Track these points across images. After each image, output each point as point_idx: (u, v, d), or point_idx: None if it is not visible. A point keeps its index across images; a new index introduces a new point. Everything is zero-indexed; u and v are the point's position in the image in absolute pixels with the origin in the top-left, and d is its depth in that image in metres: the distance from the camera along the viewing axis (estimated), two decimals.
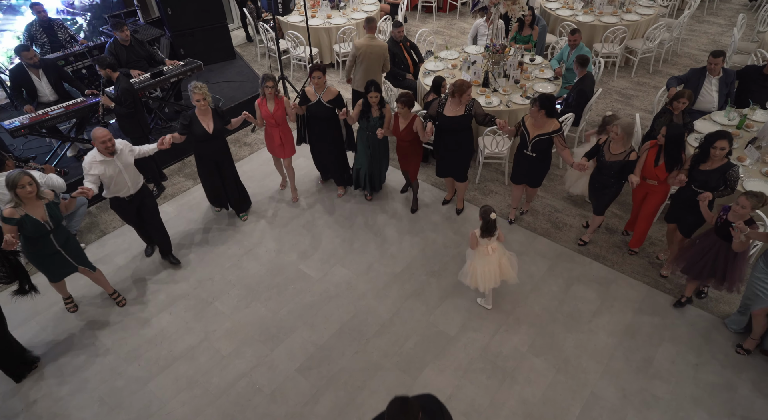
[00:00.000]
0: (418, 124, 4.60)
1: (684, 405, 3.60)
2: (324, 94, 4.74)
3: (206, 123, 4.47)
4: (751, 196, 3.30)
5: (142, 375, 3.86)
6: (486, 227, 3.78)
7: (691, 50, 8.17)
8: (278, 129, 4.86)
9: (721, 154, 3.68)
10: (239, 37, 8.92)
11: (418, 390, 3.73)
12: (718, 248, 3.68)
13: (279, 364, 3.92)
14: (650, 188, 4.23)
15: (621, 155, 4.09)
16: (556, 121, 4.30)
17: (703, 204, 3.70)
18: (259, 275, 4.64)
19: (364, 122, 4.78)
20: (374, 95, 4.59)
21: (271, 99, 4.69)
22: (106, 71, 4.85)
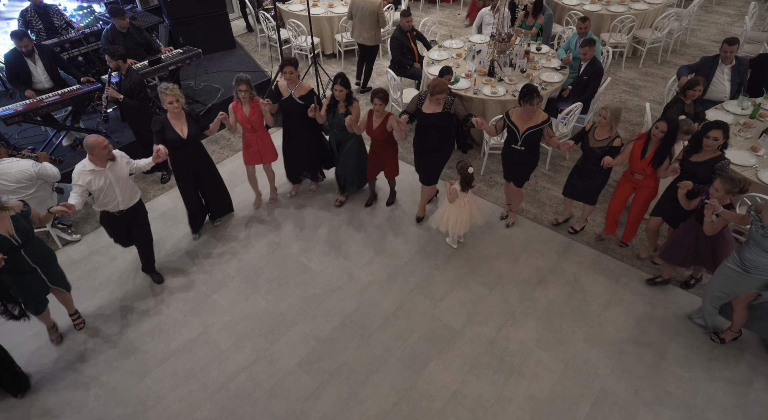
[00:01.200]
0: (393, 122, 4.35)
1: (698, 401, 3.49)
2: (296, 90, 4.51)
3: (180, 128, 4.11)
4: (726, 181, 3.18)
5: (138, 369, 3.75)
6: (465, 181, 4.10)
7: (700, 40, 8.00)
8: (255, 135, 4.58)
9: (714, 145, 3.51)
10: (239, 26, 8.78)
11: (423, 385, 3.63)
12: (697, 231, 3.58)
13: (279, 359, 3.81)
14: (637, 183, 4.07)
15: (605, 141, 3.98)
16: (543, 112, 4.17)
17: (681, 191, 3.59)
18: (259, 267, 4.53)
19: (330, 118, 4.55)
20: (339, 89, 4.32)
21: (246, 102, 4.40)
22: (118, 62, 4.63)
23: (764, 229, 3.06)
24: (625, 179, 4.16)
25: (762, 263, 3.17)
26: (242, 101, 4.39)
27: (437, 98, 4.19)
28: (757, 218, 3.13)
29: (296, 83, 4.50)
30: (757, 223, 3.11)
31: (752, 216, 3.16)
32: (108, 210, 3.89)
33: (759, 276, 3.24)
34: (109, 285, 4.41)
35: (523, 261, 4.52)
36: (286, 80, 4.49)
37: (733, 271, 3.35)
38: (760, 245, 3.13)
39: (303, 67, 7.59)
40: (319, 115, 4.51)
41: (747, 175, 4.22)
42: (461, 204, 4.18)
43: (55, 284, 3.69)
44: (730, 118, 4.90)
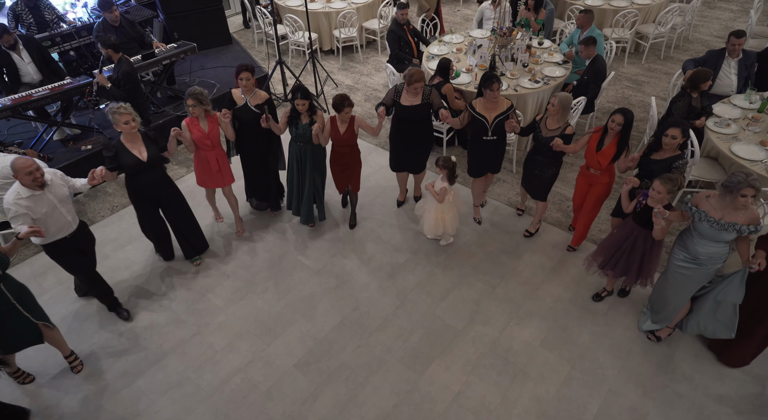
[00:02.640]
0: (361, 123, 4.12)
1: (709, 403, 3.37)
2: (252, 98, 4.15)
3: (137, 150, 3.68)
4: (665, 181, 3.13)
5: (129, 371, 3.62)
6: (452, 174, 4.01)
7: (703, 36, 7.91)
8: (215, 152, 4.12)
9: (673, 144, 3.44)
10: (236, 23, 8.66)
11: (424, 386, 3.50)
12: (635, 237, 3.47)
13: (276, 360, 3.68)
14: (593, 179, 3.96)
15: (557, 131, 3.91)
16: (505, 98, 4.13)
17: (625, 188, 3.50)
18: (256, 266, 4.40)
19: (293, 130, 4.15)
20: (301, 103, 3.93)
21: (203, 117, 3.99)
22: (108, 51, 4.58)
23: (718, 222, 3.04)
24: (581, 175, 4.09)
25: (716, 253, 3.17)
26: (198, 117, 3.99)
27: (415, 87, 4.06)
28: (703, 214, 3.08)
29: (252, 91, 4.15)
30: (708, 219, 3.07)
31: (696, 212, 3.12)
32: (59, 237, 3.41)
33: (713, 265, 3.23)
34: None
35: (526, 259, 4.40)
36: (241, 87, 4.11)
37: (686, 269, 3.30)
38: (712, 238, 3.11)
39: (300, 63, 7.48)
40: (275, 125, 4.14)
41: (757, 169, 4.12)
42: (449, 199, 4.07)
43: (40, 319, 3.30)
44: (738, 113, 4.80)
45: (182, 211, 4.13)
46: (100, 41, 4.56)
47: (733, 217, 3.01)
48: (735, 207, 2.99)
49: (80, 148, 5.20)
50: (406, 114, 4.23)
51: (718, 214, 3.04)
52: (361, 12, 7.52)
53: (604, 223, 4.70)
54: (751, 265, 3.04)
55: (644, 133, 5.78)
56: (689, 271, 3.29)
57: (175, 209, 4.08)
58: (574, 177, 5.25)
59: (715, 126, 4.60)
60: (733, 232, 3.02)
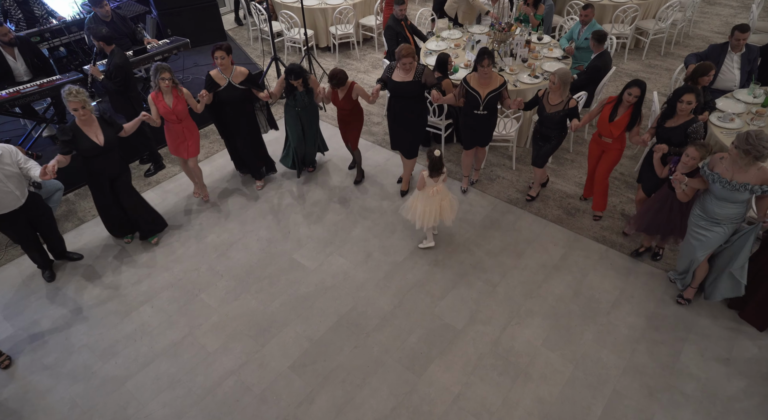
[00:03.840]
0: (359, 90, 4.47)
1: (716, 404, 3.27)
2: (234, 76, 4.31)
3: (94, 134, 3.73)
4: (699, 147, 3.26)
5: (119, 373, 3.51)
6: (433, 166, 3.92)
7: (704, 32, 7.83)
8: (181, 125, 4.31)
9: (688, 109, 3.57)
10: (229, 21, 8.55)
11: (423, 387, 3.40)
12: (671, 201, 3.61)
13: (270, 361, 3.57)
14: (605, 146, 4.15)
15: (560, 105, 4.09)
16: (499, 75, 4.25)
17: (656, 155, 3.64)
18: (249, 265, 4.29)
19: (291, 100, 4.53)
20: (297, 83, 4.39)
21: (168, 92, 4.13)
22: (100, 43, 4.51)
23: (730, 183, 3.13)
24: (594, 142, 4.26)
25: (732, 213, 3.27)
26: (163, 91, 4.10)
27: (403, 63, 4.15)
28: (717, 176, 3.19)
29: (230, 69, 4.29)
30: (721, 180, 3.17)
31: (710, 175, 3.22)
32: (6, 211, 3.61)
33: (732, 224, 3.32)
34: (89, 284, 4.16)
35: (527, 256, 4.30)
36: (218, 66, 4.25)
37: (704, 229, 3.41)
38: (728, 199, 3.21)
39: (296, 60, 7.38)
40: (274, 94, 4.45)
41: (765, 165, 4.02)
42: (430, 193, 4.03)
43: None
44: (741, 107, 4.71)
45: (136, 198, 4.22)
46: (92, 33, 4.52)
47: (743, 178, 3.07)
48: (737, 164, 3.05)
49: None
50: (396, 90, 4.32)
51: (729, 174, 3.11)
52: (358, 8, 7.42)
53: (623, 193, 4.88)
54: (765, 219, 3.10)
55: (645, 129, 5.70)
56: (707, 231, 3.38)
57: (128, 196, 4.14)
58: (573, 173, 5.16)
59: (719, 121, 4.51)
60: (746, 192, 3.07)
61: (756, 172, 3.04)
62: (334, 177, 5.24)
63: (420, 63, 4.32)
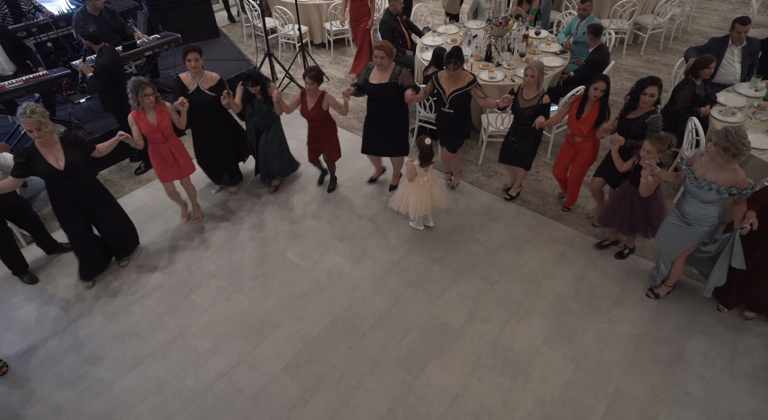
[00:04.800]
0: (330, 100, 4.15)
1: (722, 403, 3.19)
2: (203, 81, 4.07)
3: (53, 157, 3.34)
4: (654, 140, 3.19)
5: (106, 377, 3.39)
6: (424, 155, 3.85)
7: (702, 28, 7.77)
8: (168, 144, 3.95)
9: (651, 101, 3.51)
10: (222, 18, 8.44)
11: (421, 388, 3.30)
12: (631, 195, 3.53)
13: (263, 363, 3.47)
14: (578, 147, 4.06)
15: (534, 100, 3.98)
16: (469, 73, 4.10)
17: (613, 148, 3.59)
18: (242, 264, 4.18)
19: (249, 108, 4.28)
20: (255, 90, 4.14)
21: (151, 109, 3.78)
22: (87, 42, 4.38)
23: (697, 180, 3.07)
24: (567, 143, 4.16)
25: (701, 214, 3.18)
26: (146, 108, 3.76)
27: (376, 57, 3.98)
28: (689, 171, 3.13)
29: (201, 73, 4.06)
30: (690, 176, 3.12)
31: (684, 170, 3.16)
32: None
33: (700, 227, 3.23)
34: (75, 284, 4.04)
35: (526, 254, 4.21)
36: (190, 69, 4.00)
37: (675, 226, 3.35)
38: (696, 197, 3.13)
39: (290, 57, 7.27)
40: (234, 103, 4.15)
41: (765, 158, 3.95)
42: (421, 183, 3.97)
43: None
44: (743, 101, 4.63)
45: (115, 216, 3.88)
46: (79, 32, 4.40)
47: (713, 176, 3.00)
48: (713, 163, 3.00)
49: None
50: (373, 92, 4.15)
51: (701, 171, 3.06)
52: None
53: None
54: (742, 225, 3.00)
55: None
56: (678, 229, 3.33)
57: (105, 215, 3.77)
58: None
59: (720, 115, 4.43)
60: (711, 191, 3.00)
61: (727, 174, 2.95)
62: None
63: (398, 64, 4.14)
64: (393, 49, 4.08)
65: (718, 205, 3.16)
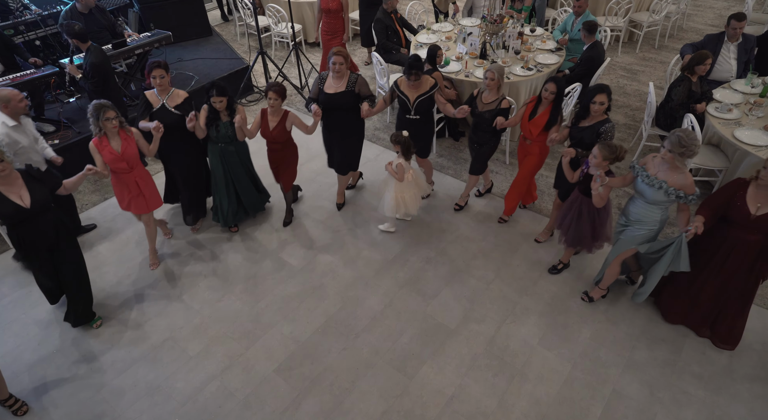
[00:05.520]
0: (294, 120, 3.85)
1: (720, 402, 3.15)
2: (169, 99, 3.76)
3: (17, 194, 2.99)
4: (603, 147, 3.15)
5: (93, 380, 3.32)
6: (406, 149, 3.83)
7: (697, 25, 7.75)
8: (134, 174, 3.58)
9: (601, 110, 3.47)
10: (215, 17, 8.37)
11: (415, 390, 3.24)
12: (579, 205, 3.48)
13: (255, 365, 3.40)
14: (527, 149, 3.99)
15: (493, 104, 3.93)
16: (430, 78, 4.04)
17: (564, 160, 3.53)
18: (234, 265, 4.12)
19: (213, 132, 3.80)
20: (218, 100, 3.66)
21: (114, 135, 3.44)
22: (74, 41, 4.28)
23: (649, 177, 3.06)
24: (520, 145, 4.10)
25: (643, 215, 3.17)
26: (109, 134, 3.42)
27: (334, 63, 3.79)
28: (641, 169, 3.12)
29: (168, 90, 3.75)
30: (642, 174, 3.10)
31: (637, 169, 3.15)
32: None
33: (638, 230, 3.23)
34: None
35: (522, 253, 4.16)
36: (155, 86, 3.70)
37: (619, 226, 3.37)
38: (644, 195, 3.12)
39: (284, 56, 7.21)
40: (199, 127, 3.74)
41: (761, 155, 3.92)
42: (409, 178, 3.92)
43: None
44: (739, 98, 4.61)
45: (76, 268, 3.39)
46: (65, 31, 4.28)
47: (664, 176, 3.02)
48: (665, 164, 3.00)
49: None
50: (330, 103, 3.92)
51: (653, 171, 3.07)
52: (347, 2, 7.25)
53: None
54: (687, 228, 2.96)
55: (641, 122, 5.59)
56: (620, 229, 3.35)
57: (69, 265, 3.34)
58: None
59: (717, 112, 4.41)
60: (660, 190, 3.01)
61: (678, 176, 2.98)
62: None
63: (353, 73, 3.98)
64: (349, 55, 3.95)
65: (663, 209, 3.13)
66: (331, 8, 5.80)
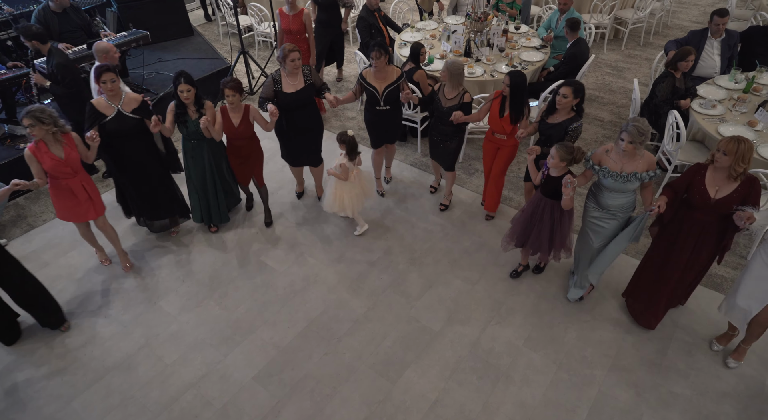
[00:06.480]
0: (255, 114, 3.82)
1: (706, 402, 3.10)
2: (123, 104, 3.55)
3: None
4: (560, 147, 3.14)
5: (64, 392, 3.20)
6: (351, 148, 3.80)
7: (682, 22, 7.76)
8: (78, 178, 3.41)
9: (564, 103, 3.42)
10: (198, 16, 8.24)
11: (398, 395, 3.16)
12: (543, 208, 3.41)
13: (233, 372, 3.31)
14: (500, 143, 3.98)
15: (455, 99, 3.89)
16: (396, 68, 4.05)
17: (529, 158, 3.52)
18: (214, 269, 4.01)
19: (183, 129, 3.73)
20: (186, 88, 3.55)
21: (53, 141, 3.23)
22: (33, 43, 4.08)
23: (620, 175, 3.08)
24: (488, 140, 4.07)
25: (624, 202, 3.22)
26: (47, 140, 3.21)
27: (292, 60, 3.73)
28: (605, 170, 3.11)
29: (119, 95, 3.54)
30: (610, 174, 3.10)
31: (599, 171, 3.15)
32: None
33: (625, 215, 3.28)
34: None
35: (508, 253, 4.09)
36: (105, 92, 3.49)
37: (602, 221, 3.32)
38: (619, 190, 3.15)
39: (267, 55, 7.10)
40: (165, 127, 3.65)
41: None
42: (351, 178, 3.89)
43: None
44: (723, 93, 4.59)
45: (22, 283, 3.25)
46: (21, 33, 4.01)
47: (631, 167, 3.06)
48: (627, 155, 3.03)
49: (18, 146, 4.73)
50: (293, 102, 3.87)
51: (618, 166, 3.08)
52: None
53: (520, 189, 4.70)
54: (651, 207, 2.99)
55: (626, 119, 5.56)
56: (605, 223, 3.30)
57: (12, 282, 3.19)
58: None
59: (701, 107, 4.38)
60: (636, 180, 3.07)
61: (641, 160, 3.04)
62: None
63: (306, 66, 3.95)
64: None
65: (635, 191, 3.23)
66: (293, 29, 5.26)
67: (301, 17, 5.12)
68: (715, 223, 3.00)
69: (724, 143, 2.79)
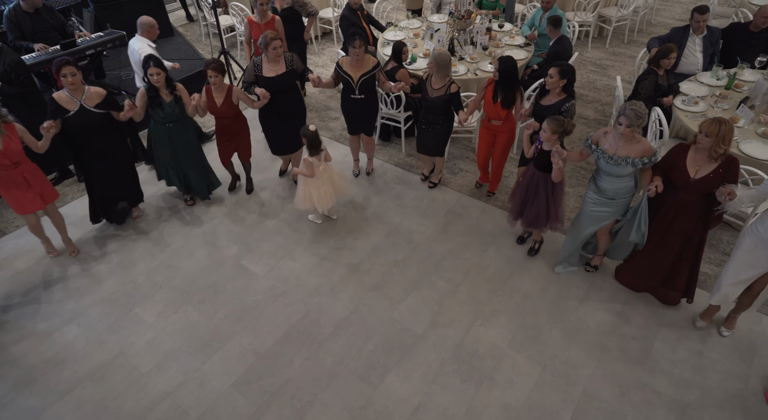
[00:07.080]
0: (239, 93, 3.96)
1: (691, 401, 3.07)
2: (86, 98, 3.53)
3: None
4: (551, 120, 3.22)
5: (34, 404, 3.09)
6: (312, 143, 3.75)
7: (666, 20, 7.79)
8: (20, 169, 3.38)
9: (553, 83, 3.52)
10: (180, 17, 8.11)
11: (380, 400, 3.10)
12: (537, 181, 3.52)
13: (211, 380, 3.22)
14: (495, 129, 4.08)
15: (443, 89, 3.97)
16: (372, 57, 4.12)
17: (526, 133, 3.57)
18: (192, 274, 3.92)
19: (159, 113, 3.81)
20: (156, 72, 3.62)
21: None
22: None
23: (612, 158, 3.12)
24: (484, 128, 4.16)
25: (620, 188, 3.27)
26: None
27: (274, 48, 3.85)
28: (600, 152, 3.17)
29: (82, 89, 3.50)
30: (603, 156, 3.16)
31: (595, 150, 3.21)
32: None
33: (622, 200, 3.32)
34: (7, 303, 3.71)
35: (492, 253, 4.06)
36: (66, 86, 3.44)
37: (597, 205, 3.38)
38: (612, 174, 3.20)
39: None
40: (137, 112, 3.69)
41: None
42: (318, 174, 3.87)
43: None
44: (705, 90, 4.58)
45: None
46: None
47: (625, 151, 3.09)
48: (623, 139, 3.07)
49: None
50: (276, 85, 3.99)
51: (612, 149, 3.13)
52: (315, 0, 7.09)
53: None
54: (648, 188, 3.05)
55: (611, 117, 5.55)
56: (603, 206, 3.36)
57: None
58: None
59: (683, 104, 4.37)
60: (627, 165, 3.10)
61: (637, 146, 3.08)
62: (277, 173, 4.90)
63: (287, 52, 4.07)
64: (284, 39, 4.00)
65: (632, 176, 3.26)
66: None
67: (273, 25, 4.98)
68: (696, 202, 3.09)
69: (705, 125, 2.86)
